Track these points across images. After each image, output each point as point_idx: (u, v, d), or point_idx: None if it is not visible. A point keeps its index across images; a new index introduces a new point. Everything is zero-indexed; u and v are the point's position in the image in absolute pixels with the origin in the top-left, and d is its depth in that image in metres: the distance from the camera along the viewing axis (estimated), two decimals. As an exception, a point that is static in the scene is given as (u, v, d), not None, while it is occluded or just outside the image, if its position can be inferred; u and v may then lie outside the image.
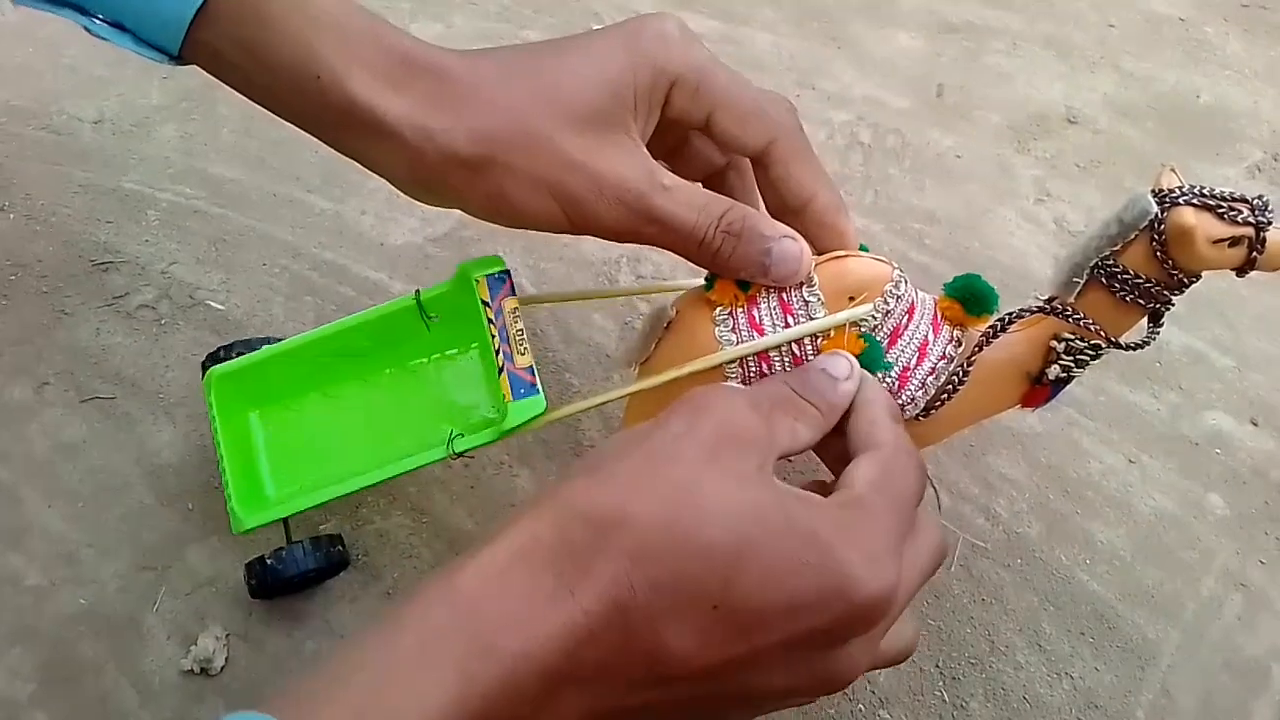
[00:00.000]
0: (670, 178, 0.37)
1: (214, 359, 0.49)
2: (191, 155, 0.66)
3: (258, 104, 0.39)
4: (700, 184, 0.40)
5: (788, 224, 0.39)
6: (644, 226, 0.37)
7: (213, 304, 0.58)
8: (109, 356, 0.55)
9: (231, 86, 0.39)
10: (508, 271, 0.43)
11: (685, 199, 0.37)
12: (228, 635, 0.46)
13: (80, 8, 0.36)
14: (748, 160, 0.41)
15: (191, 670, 0.44)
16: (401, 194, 0.39)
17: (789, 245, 0.37)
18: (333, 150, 0.39)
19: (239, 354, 0.48)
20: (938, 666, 0.46)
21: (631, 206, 0.36)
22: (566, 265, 0.60)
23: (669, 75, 0.37)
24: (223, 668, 0.45)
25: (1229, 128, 0.70)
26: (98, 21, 0.36)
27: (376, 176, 0.39)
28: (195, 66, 0.39)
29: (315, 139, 0.39)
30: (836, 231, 0.39)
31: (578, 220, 0.37)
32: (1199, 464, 0.52)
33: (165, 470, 0.51)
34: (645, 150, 0.37)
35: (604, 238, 0.38)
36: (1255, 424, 0.54)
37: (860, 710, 0.44)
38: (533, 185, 0.36)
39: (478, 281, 0.43)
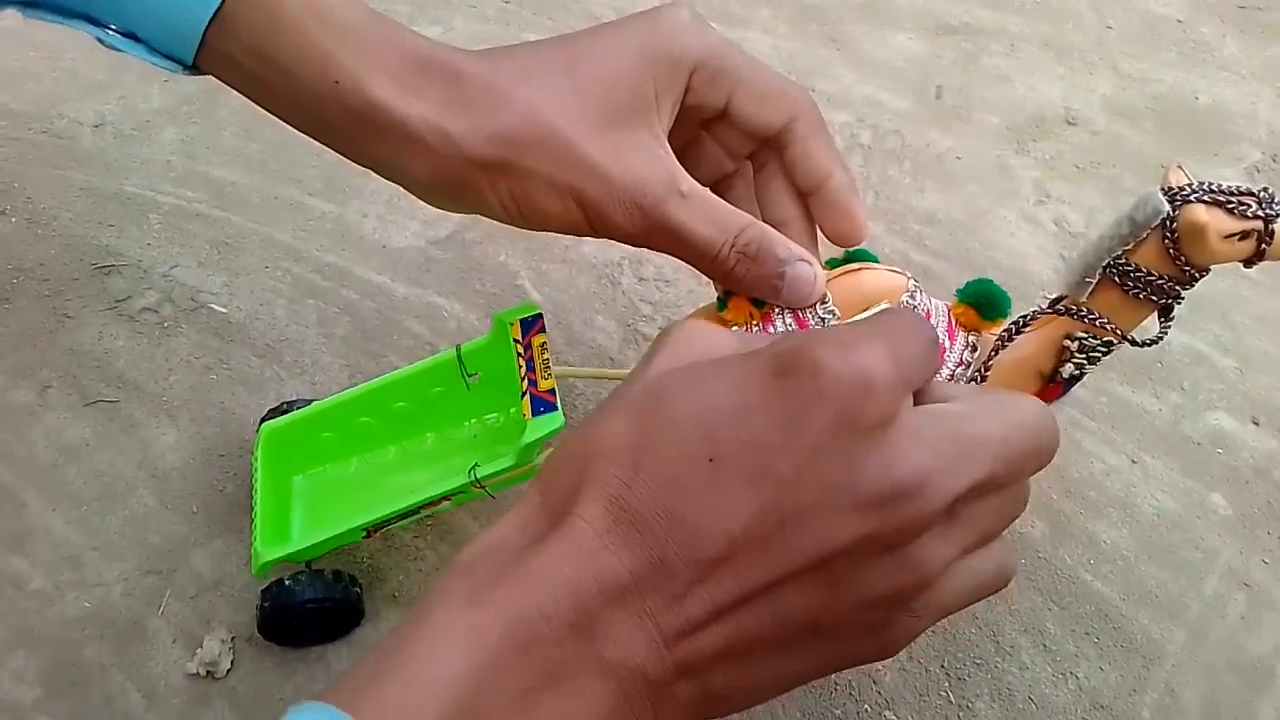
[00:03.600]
0: (689, 183, 0.36)
1: (274, 413, 0.49)
2: (193, 158, 0.66)
3: (272, 113, 0.38)
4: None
5: (802, 206, 0.39)
6: (656, 235, 0.37)
7: (215, 307, 0.58)
8: (112, 360, 0.55)
9: (246, 95, 0.38)
10: (540, 315, 0.45)
11: (702, 211, 0.36)
12: (233, 638, 0.46)
13: (93, 19, 0.36)
14: (750, 168, 0.42)
15: (197, 673, 0.44)
16: (413, 197, 0.39)
17: (803, 269, 0.37)
18: (335, 154, 0.39)
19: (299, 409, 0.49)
20: (943, 667, 0.46)
21: (647, 213, 0.36)
22: (569, 267, 0.60)
23: (688, 63, 0.36)
24: (228, 670, 0.45)
25: (1227, 129, 0.70)
26: (111, 32, 0.36)
27: (378, 179, 0.39)
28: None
29: (327, 146, 0.39)
30: (849, 212, 0.38)
31: (596, 223, 0.37)
32: (1201, 464, 0.53)
33: (169, 473, 0.51)
34: (667, 148, 0.37)
35: (623, 242, 0.38)
36: (1257, 424, 0.54)
37: (865, 710, 0.44)
38: (552, 188, 0.36)
39: (511, 325, 0.45)
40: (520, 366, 0.44)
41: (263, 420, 0.49)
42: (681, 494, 0.26)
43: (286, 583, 0.43)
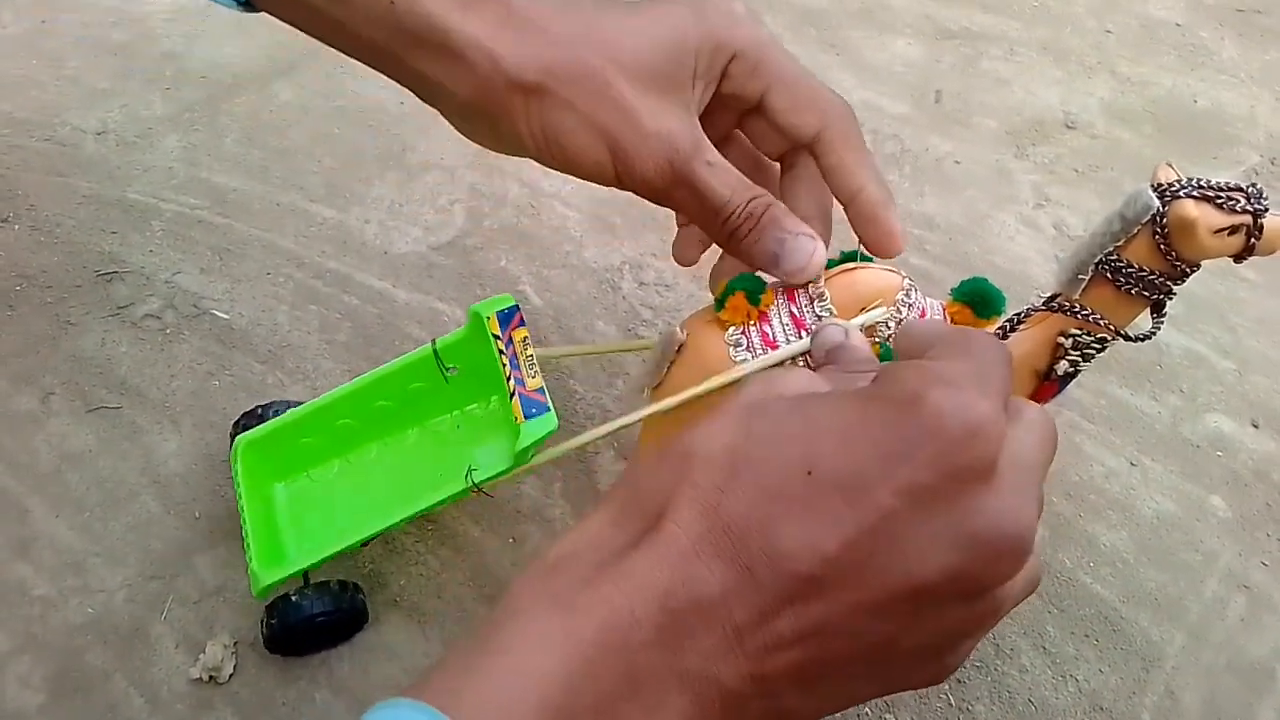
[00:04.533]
0: (714, 154, 0.37)
1: (249, 417, 0.49)
2: (195, 165, 0.66)
3: (323, 40, 0.39)
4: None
5: (823, 208, 0.40)
6: (678, 190, 0.37)
7: (217, 313, 0.58)
8: (114, 366, 0.56)
9: (298, 27, 0.39)
10: (517, 306, 0.45)
11: (723, 176, 0.37)
12: (236, 643, 0.46)
13: None
14: (778, 169, 0.42)
15: (200, 678, 0.44)
16: (413, 204, 0.39)
17: (803, 242, 0.38)
18: (337, 160, 0.39)
19: (275, 414, 0.48)
20: (943, 669, 0.46)
21: (675, 166, 0.37)
22: (569, 272, 0.61)
23: (730, 49, 0.37)
24: (231, 675, 0.45)
25: (1226, 132, 0.70)
26: None
27: (380, 185, 0.40)
28: (202, 78, 0.39)
29: (371, 68, 0.39)
30: (884, 228, 0.39)
31: (622, 170, 0.37)
32: (1200, 466, 0.53)
33: (172, 479, 0.51)
34: (697, 122, 0.38)
35: (640, 194, 0.38)
36: (1256, 426, 0.54)
37: (866, 714, 0.45)
38: (586, 125, 0.36)
39: (488, 319, 0.44)
40: (504, 365, 0.43)
41: (236, 425, 0.48)
42: (778, 505, 0.25)
43: (292, 598, 0.43)
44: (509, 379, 0.43)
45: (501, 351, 0.44)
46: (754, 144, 0.41)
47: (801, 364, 0.38)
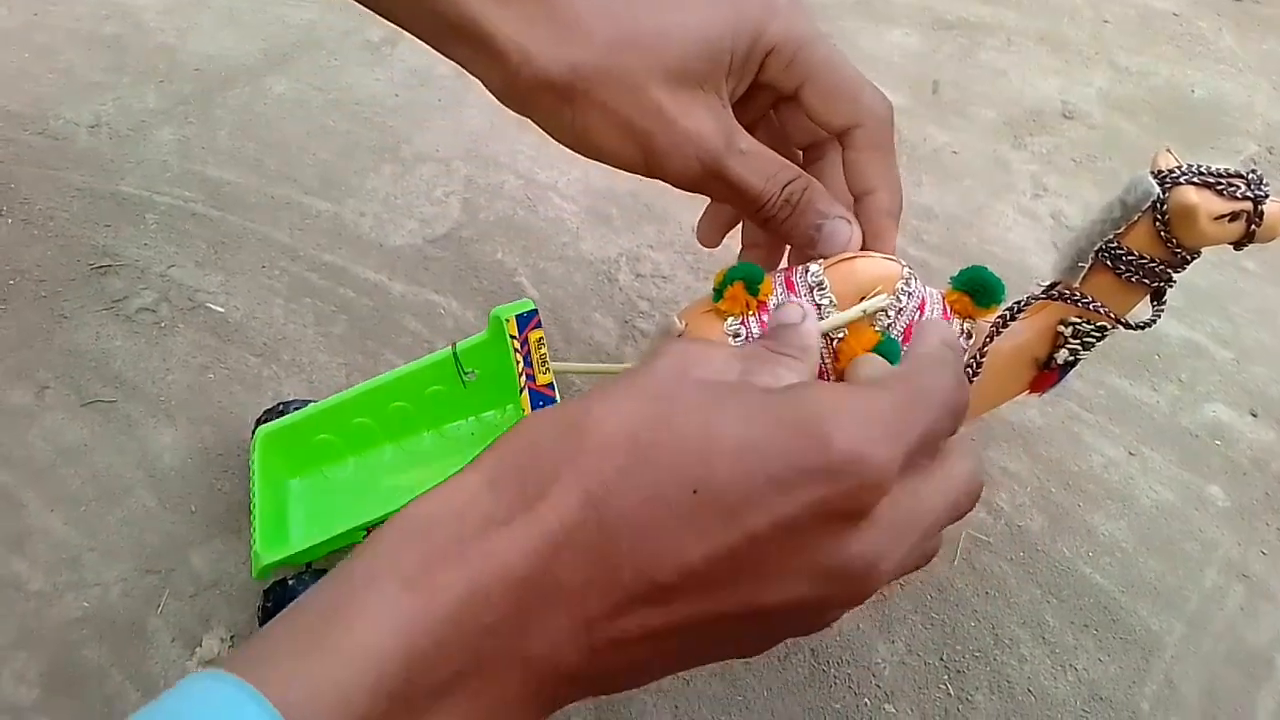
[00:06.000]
0: (748, 141, 0.38)
1: (270, 415, 0.49)
2: (189, 158, 0.66)
3: (373, 10, 0.39)
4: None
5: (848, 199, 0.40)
6: (712, 184, 0.38)
7: (212, 306, 0.58)
8: (109, 360, 0.55)
9: None
10: (536, 310, 0.46)
11: (757, 166, 0.38)
12: (232, 637, 0.46)
13: None
14: (800, 156, 0.43)
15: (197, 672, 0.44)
16: (409, 196, 0.39)
17: (840, 226, 0.39)
18: (332, 153, 0.39)
19: (296, 410, 0.49)
20: (942, 660, 0.46)
21: (706, 165, 0.37)
22: (566, 265, 0.60)
23: (767, 43, 0.37)
24: (228, 670, 0.45)
25: (1223, 121, 0.70)
26: None
27: (375, 178, 0.40)
28: (196, 70, 0.39)
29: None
30: (879, 235, 0.39)
31: (653, 166, 0.38)
32: (1199, 456, 0.53)
33: (167, 473, 0.51)
34: (730, 113, 0.38)
35: (672, 185, 0.39)
36: (1255, 415, 0.54)
37: (865, 704, 0.45)
38: (616, 125, 0.37)
39: (507, 321, 0.45)
40: (517, 362, 0.44)
41: (259, 422, 0.49)
42: (658, 513, 0.25)
43: (290, 583, 0.43)
44: (520, 375, 0.43)
45: (516, 350, 0.45)
46: (786, 129, 0.42)
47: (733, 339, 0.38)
